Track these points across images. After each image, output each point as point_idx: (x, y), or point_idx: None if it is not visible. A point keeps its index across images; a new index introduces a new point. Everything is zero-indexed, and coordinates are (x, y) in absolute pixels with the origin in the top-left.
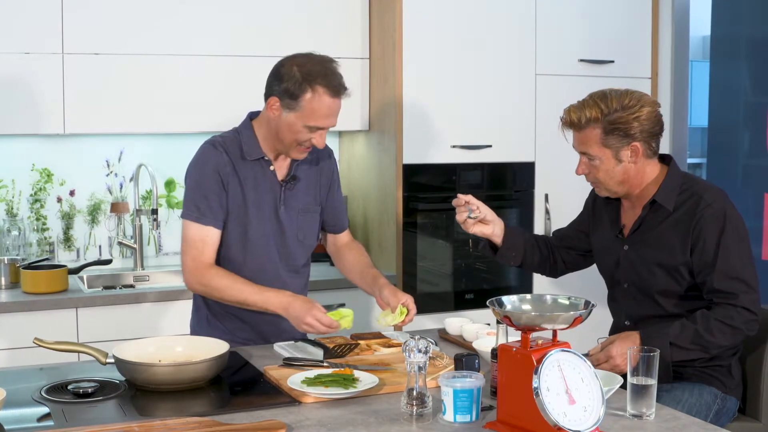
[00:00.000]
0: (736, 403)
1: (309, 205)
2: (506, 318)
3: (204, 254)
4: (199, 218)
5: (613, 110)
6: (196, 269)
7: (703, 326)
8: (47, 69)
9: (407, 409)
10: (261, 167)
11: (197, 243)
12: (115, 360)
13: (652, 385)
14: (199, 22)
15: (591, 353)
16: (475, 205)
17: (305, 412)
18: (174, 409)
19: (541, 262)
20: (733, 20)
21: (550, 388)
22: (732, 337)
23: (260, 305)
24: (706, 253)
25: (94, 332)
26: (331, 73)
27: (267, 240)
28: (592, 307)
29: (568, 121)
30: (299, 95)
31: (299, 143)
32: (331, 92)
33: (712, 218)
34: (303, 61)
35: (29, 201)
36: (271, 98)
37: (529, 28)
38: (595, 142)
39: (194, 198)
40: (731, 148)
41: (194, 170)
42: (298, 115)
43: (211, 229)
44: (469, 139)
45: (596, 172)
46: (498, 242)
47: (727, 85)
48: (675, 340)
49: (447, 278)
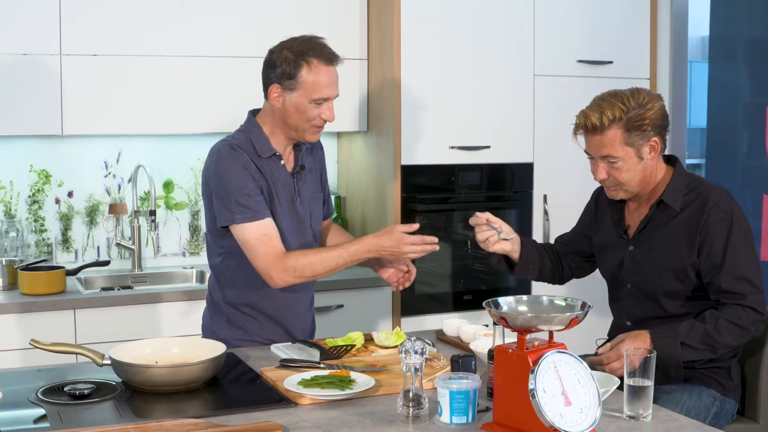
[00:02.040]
0: (735, 405)
1: (315, 193)
2: (502, 319)
3: (274, 247)
4: (254, 216)
5: (631, 108)
6: (275, 262)
7: (712, 326)
8: (45, 70)
9: (403, 410)
10: (275, 163)
11: (263, 239)
12: (111, 361)
13: (648, 387)
14: (197, 23)
15: (600, 352)
16: (497, 224)
17: (301, 414)
18: (170, 411)
19: (552, 270)
20: (732, 20)
21: (546, 389)
22: (740, 337)
23: (352, 260)
24: (713, 253)
25: (91, 334)
26: (321, 45)
27: (289, 232)
28: (588, 309)
29: (589, 125)
30: (296, 73)
31: (310, 121)
32: (325, 61)
33: (720, 219)
34: (290, 43)
35: (27, 202)
36: (271, 87)
37: (527, 29)
38: (618, 142)
39: (238, 199)
40: (730, 149)
41: (224, 174)
42: (300, 93)
43: (267, 221)
44: (467, 140)
45: (618, 174)
46: (516, 257)
47: (726, 85)
48: (685, 339)
49: (445, 279)
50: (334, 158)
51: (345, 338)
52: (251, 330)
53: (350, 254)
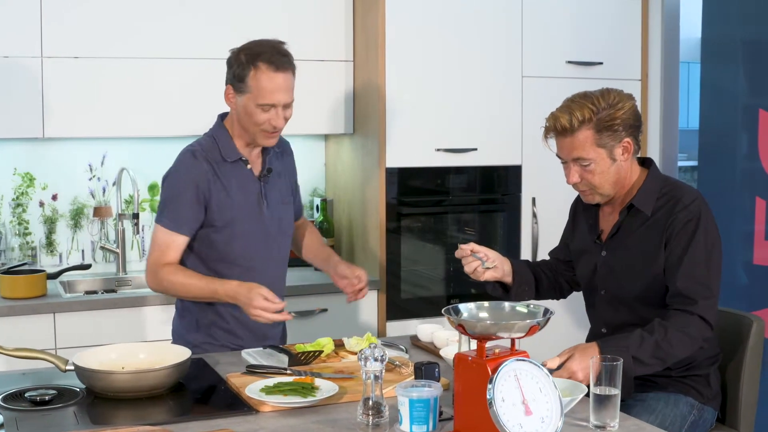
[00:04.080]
0: (714, 414)
1: (285, 196)
2: (461, 326)
3: (166, 256)
4: (169, 225)
5: (601, 108)
6: (155, 267)
7: (661, 337)
8: (26, 73)
9: (363, 419)
10: (240, 167)
11: (162, 246)
12: (74, 367)
13: (615, 395)
14: (180, 25)
15: (547, 366)
16: (482, 253)
17: (261, 422)
18: (132, 417)
19: (550, 287)
20: (725, 21)
21: (505, 398)
22: (690, 348)
23: (211, 297)
24: (673, 254)
25: (71, 338)
26: (274, 51)
27: (255, 237)
28: (550, 316)
29: (558, 128)
30: (245, 76)
31: (259, 126)
32: (274, 67)
33: (686, 220)
34: (249, 45)
35: (11, 205)
36: (226, 87)
37: (515, 29)
38: (589, 143)
39: (169, 206)
40: (723, 151)
41: (172, 179)
42: (248, 96)
43: (179, 236)
44: (454, 142)
45: (591, 177)
46: (509, 281)
47: (719, 87)
48: (636, 353)
49: (432, 283)
50: (322, 161)
51: (314, 344)
52: (218, 335)
53: (211, 291)
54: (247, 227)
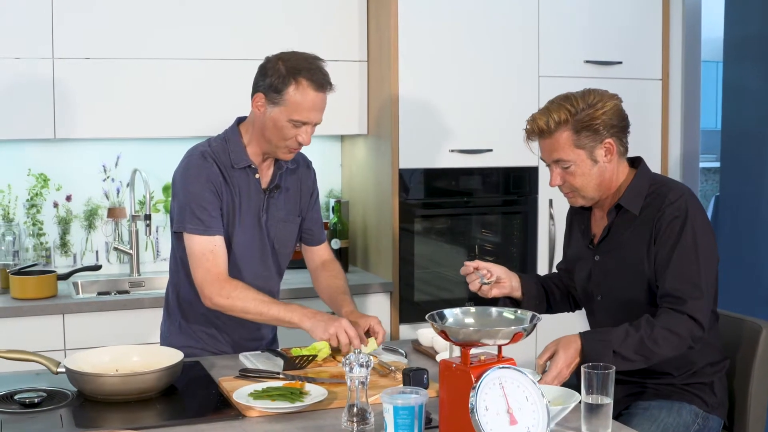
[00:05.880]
0: (720, 422)
1: (289, 215)
2: (443, 333)
3: (218, 266)
4: (205, 230)
5: (580, 109)
6: (214, 282)
7: (647, 334)
8: (38, 73)
9: (347, 426)
10: (247, 175)
11: (208, 255)
12: (66, 370)
13: (607, 404)
14: (193, 25)
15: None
16: (485, 270)
17: (247, 427)
18: (119, 421)
19: (562, 299)
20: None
21: (488, 407)
22: (677, 347)
23: (282, 321)
24: (661, 252)
25: (80, 339)
26: (316, 68)
27: (249, 247)
28: (536, 322)
29: (535, 130)
30: (283, 89)
31: (285, 140)
32: (315, 86)
33: (673, 217)
34: (288, 56)
35: (25, 206)
36: (257, 95)
37: (531, 28)
38: (567, 144)
39: (194, 210)
40: (746, 151)
41: (188, 182)
42: (282, 109)
43: (218, 238)
44: (468, 143)
45: (572, 179)
46: (518, 296)
47: (742, 87)
48: (619, 348)
49: (447, 285)
50: (338, 162)
51: (310, 348)
52: (204, 337)
53: (288, 310)
54: (240, 239)
